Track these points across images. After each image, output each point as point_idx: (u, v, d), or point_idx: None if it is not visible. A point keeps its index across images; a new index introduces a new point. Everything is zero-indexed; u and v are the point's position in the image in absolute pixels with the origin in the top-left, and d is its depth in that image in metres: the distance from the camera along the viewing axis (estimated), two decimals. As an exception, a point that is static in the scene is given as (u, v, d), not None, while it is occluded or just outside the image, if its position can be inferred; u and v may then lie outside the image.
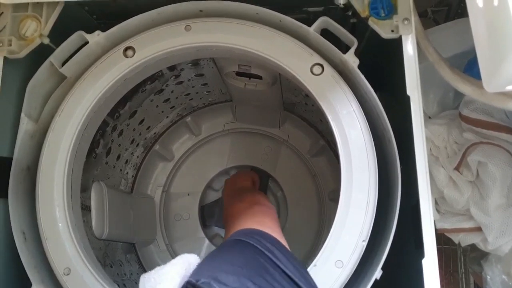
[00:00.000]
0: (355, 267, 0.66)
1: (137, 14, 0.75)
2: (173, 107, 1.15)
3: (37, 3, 0.76)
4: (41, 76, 0.76)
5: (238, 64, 0.91)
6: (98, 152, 0.96)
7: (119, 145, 1.06)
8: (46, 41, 0.76)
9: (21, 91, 0.76)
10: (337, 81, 0.72)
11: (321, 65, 0.72)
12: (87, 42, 0.76)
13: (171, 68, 0.95)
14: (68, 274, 0.70)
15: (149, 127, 1.15)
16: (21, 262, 0.71)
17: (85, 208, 0.89)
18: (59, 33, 0.77)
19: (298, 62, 0.72)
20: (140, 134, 1.13)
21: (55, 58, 0.76)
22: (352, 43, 0.72)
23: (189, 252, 1.17)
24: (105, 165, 1.03)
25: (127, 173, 1.16)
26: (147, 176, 1.22)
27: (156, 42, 0.75)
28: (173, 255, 1.19)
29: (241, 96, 1.11)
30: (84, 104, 0.75)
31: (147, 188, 1.22)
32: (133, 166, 1.18)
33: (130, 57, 0.75)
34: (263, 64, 0.77)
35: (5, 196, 0.74)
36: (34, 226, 0.73)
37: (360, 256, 0.66)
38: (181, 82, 1.04)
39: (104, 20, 0.86)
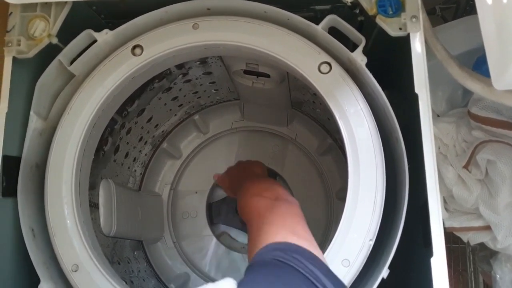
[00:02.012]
0: (362, 266, 0.65)
1: (144, 13, 0.76)
2: (181, 105, 1.15)
3: (46, 3, 0.76)
4: (50, 74, 0.77)
5: (246, 62, 0.91)
6: (106, 149, 0.97)
7: (127, 143, 1.07)
8: (55, 40, 0.76)
9: (30, 90, 0.76)
10: (345, 80, 0.72)
11: (329, 64, 0.72)
12: (95, 41, 0.76)
13: (179, 66, 0.95)
14: (76, 271, 0.70)
15: (157, 125, 1.15)
16: (30, 258, 0.72)
17: (93, 206, 0.90)
18: (67, 33, 0.77)
19: (306, 61, 0.72)
20: (148, 132, 1.13)
21: (63, 56, 0.76)
22: (360, 41, 0.71)
23: (197, 250, 1.18)
24: (113, 162, 1.03)
25: (135, 170, 1.16)
26: (155, 174, 1.22)
27: (164, 41, 0.75)
28: (181, 252, 1.19)
29: (248, 95, 1.11)
30: (93, 102, 0.76)
31: (155, 186, 1.22)
32: (141, 164, 1.18)
33: (138, 55, 0.76)
34: (271, 63, 0.77)
35: (14, 194, 0.75)
36: (43, 223, 0.74)
37: (367, 255, 0.66)
38: (189, 80, 1.04)
39: (112, 19, 0.86)
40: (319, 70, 0.72)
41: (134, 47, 0.76)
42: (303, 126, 1.21)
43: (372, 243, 0.66)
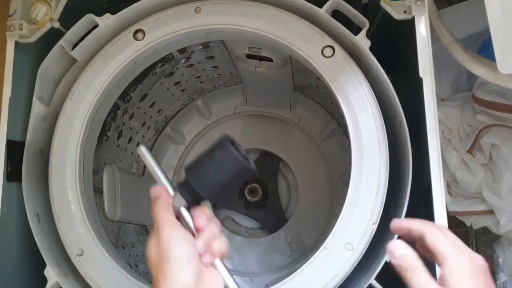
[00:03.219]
0: (365, 250, 0.66)
1: (146, -4, 0.75)
2: (183, 90, 1.15)
3: (47, -14, 0.76)
4: (52, 59, 0.76)
5: (249, 46, 0.90)
6: (109, 135, 0.97)
7: (130, 128, 1.07)
8: (57, 25, 0.76)
9: (33, 75, 0.76)
10: (348, 63, 0.71)
11: (332, 47, 0.71)
12: (97, 25, 0.76)
13: (182, 51, 0.94)
14: (81, 255, 0.71)
15: (160, 110, 1.15)
16: (36, 243, 0.72)
17: (97, 191, 0.90)
18: (69, 17, 0.77)
19: (309, 44, 0.72)
20: (151, 117, 1.13)
21: (65, 41, 0.76)
22: (364, 24, 0.71)
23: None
24: (117, 148, 1.04)
25: (138, 155, 1.16)
26: (159, 159, 1.22)
27: (166, 25, 0.75)
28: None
29: (251, 79, 1.10)
30: (95, 87, 0.75)
31: (158, 171, 1.22)
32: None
33: (140, 40, 0.75)
34: (274, 46, 0.77)
35: (19, 179, 0.75)
36: (48, 208, 0.74)
37: (370, 239, 0.66)
38: (191, 65, 1.04)
39: (113, 3, 0.85)
40: (322, 54, 0.71)
41: (136, 32, 0.75)
42: (306, 111, 1.21)
43: (375, 227, 0.66)
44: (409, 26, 0.70)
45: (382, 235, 0.70)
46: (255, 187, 1.21)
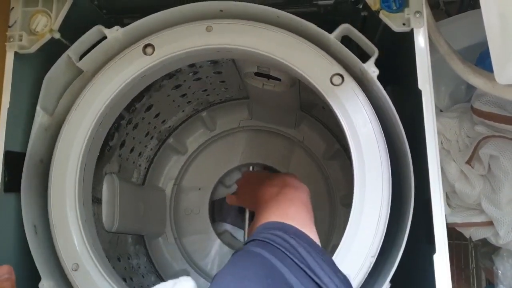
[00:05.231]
0: (363, 281, 0.65)
1: (146, 9, 0.74)
2: (189, 101, 1.15)
3: (47, -3, 0.76)
4: (58, 69, 0.76)
5: (257, 65, 0.90)
6: (111, 144, 0.97)
7: (134, 138, 1.07)
8: (57, 36, 0.76)
9: (32, 86, 0.76)
10: (357, 93, 0.70)
11: (341, 76, 0.70)
12: (105, 37, 0.75)
13: (190, 65, 0.94)
14: (76, 270, 0.70)
15: (164, 120, 1.14)
16: (31, 256, 0.71)
17: (96, 201, 0.90)
18: (69, 28, 0.77)
19: (319, 72, 0.71)
20: (155, 127, 1.13)
21: (72, 52, 0.75)
22: (373, 52, 0.70)
23: (198, 247, 1.18)
24: (118, 157, 1.03)
25: (139, 165, 1.16)
26: (160, 169, 1.22)
27: (177, 41, 0.73)
28: (181, 249, 1.19)
29: (258, 96, 1.10)
30: (101, 100, 0.74)
31: (159, 180, 1.22)
32: (146, 158, 1.18)
33: (150, 55, 0.74)
34: (283, 69, 0.76)
35: (16, 189, 0.74)
36: (46, 220, 0.73)
37: (369, 271, 0.65)
38: (199, 79, 1.03)
39: (113, 15, 0.85)
40: (331, 82, 0.71)
41: (146, 46, 0.74)
42: (311, 130, 1.21)
43: (374, 259, 0.65)
44: (408, 38, 0.71)
45: (384, 253, 0.69)
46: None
